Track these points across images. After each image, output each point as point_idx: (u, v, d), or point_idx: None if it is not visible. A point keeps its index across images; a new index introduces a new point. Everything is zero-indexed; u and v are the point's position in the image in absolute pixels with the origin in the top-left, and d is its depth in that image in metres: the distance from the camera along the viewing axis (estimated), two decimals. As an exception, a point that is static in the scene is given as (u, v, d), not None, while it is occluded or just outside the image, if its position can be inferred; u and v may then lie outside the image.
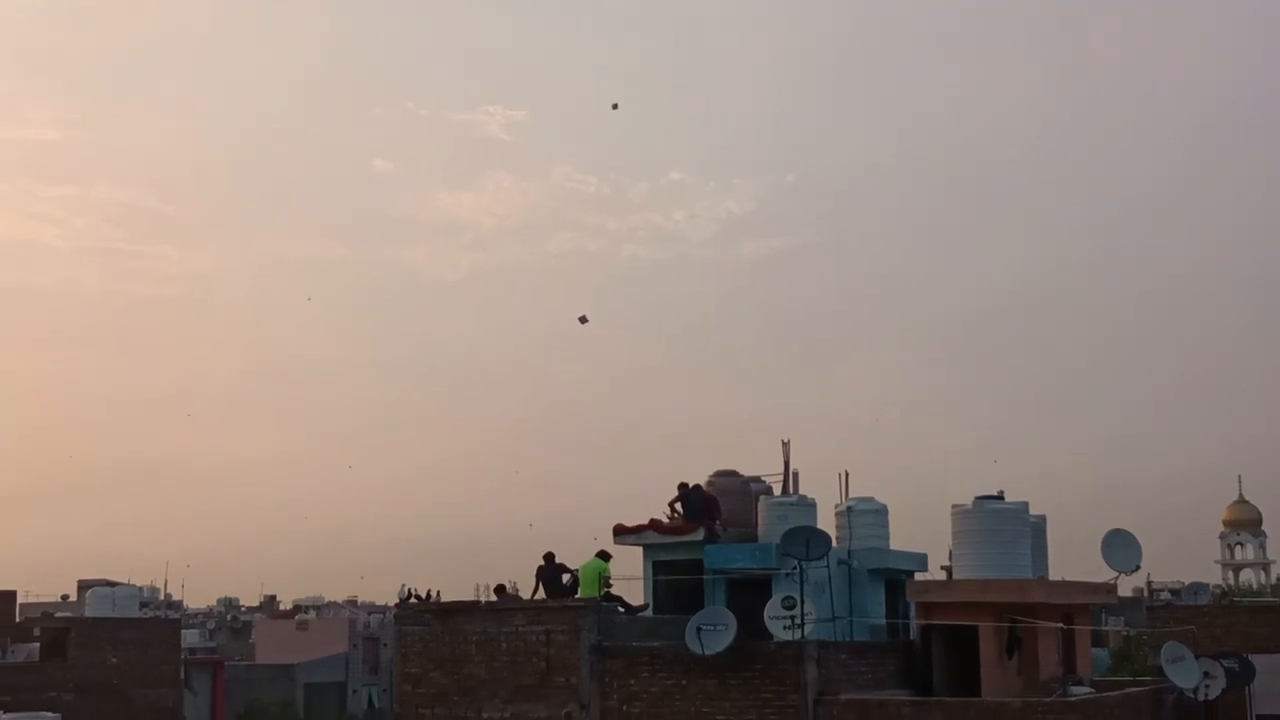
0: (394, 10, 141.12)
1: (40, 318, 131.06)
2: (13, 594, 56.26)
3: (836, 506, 26.29)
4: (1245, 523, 76.82)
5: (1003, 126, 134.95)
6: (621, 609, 24.32)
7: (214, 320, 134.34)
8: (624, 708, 22.04)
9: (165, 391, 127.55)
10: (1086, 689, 23.05)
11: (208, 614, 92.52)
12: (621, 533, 26.06)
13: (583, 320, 28.58)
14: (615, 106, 40.61)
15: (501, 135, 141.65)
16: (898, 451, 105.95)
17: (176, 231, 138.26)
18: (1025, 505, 24.52)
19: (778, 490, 26.67)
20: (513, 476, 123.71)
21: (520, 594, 26.58)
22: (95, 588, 53.06)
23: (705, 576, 24.95)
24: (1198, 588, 38.53)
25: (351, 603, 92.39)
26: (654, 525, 25.98)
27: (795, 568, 22.72)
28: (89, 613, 48.97)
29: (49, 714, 30.07)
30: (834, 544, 24.33)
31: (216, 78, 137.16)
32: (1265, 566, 76.31)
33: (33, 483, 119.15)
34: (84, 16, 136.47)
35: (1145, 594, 62.95)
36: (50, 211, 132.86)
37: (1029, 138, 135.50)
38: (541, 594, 25.08)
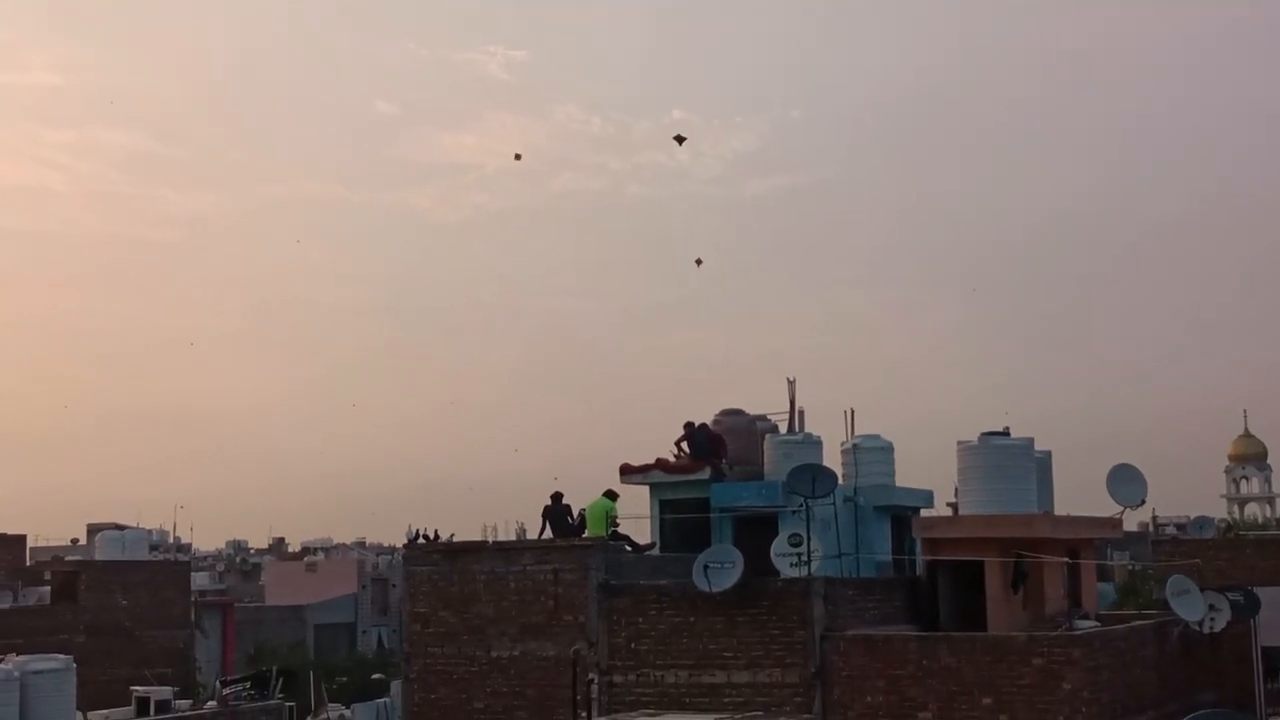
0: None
1: (45, 262, 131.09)
2: (23, 538, 56.45)
3: (842, 444, 26.29)
4: (1251, 457, 76.96)
5: (1004, 65, 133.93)
6: (629, 548, 24.41)
7: (217, 263, 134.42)
8: (632, 645, 22.16)
9: (169, 334, 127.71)
10: (1092, 623, 23.14)
11: (217, 556, 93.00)
12: (628, 472, 26.09)
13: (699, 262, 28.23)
14: (680, 139, 40.59)
15: (502, 75, 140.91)
16: (903, 389, 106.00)
17: (178, 174, 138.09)
18: (1030, 441, 24.52)
19: (783, 428, 26.67)
20: (519, 417, 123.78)
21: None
22: (105, 531, 53.21)
23: (712, 515, 24.99)
24: (1203, 522, 38.48)
25: (360, 544, 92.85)
26: (660, 464, 25.99)
27: (801, 505, 22.76)
28: (99, 556, 49.13)
29: (61, 656, 30.16)
30: (840, 481, 24.35)
31: (217, 20, 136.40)
32: (1270, 500, 76.52)
33: (41, 426, 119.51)
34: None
35: (1151, 528, 62.85)
36: (54, 156, 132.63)
37: (1032, 77, 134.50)
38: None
